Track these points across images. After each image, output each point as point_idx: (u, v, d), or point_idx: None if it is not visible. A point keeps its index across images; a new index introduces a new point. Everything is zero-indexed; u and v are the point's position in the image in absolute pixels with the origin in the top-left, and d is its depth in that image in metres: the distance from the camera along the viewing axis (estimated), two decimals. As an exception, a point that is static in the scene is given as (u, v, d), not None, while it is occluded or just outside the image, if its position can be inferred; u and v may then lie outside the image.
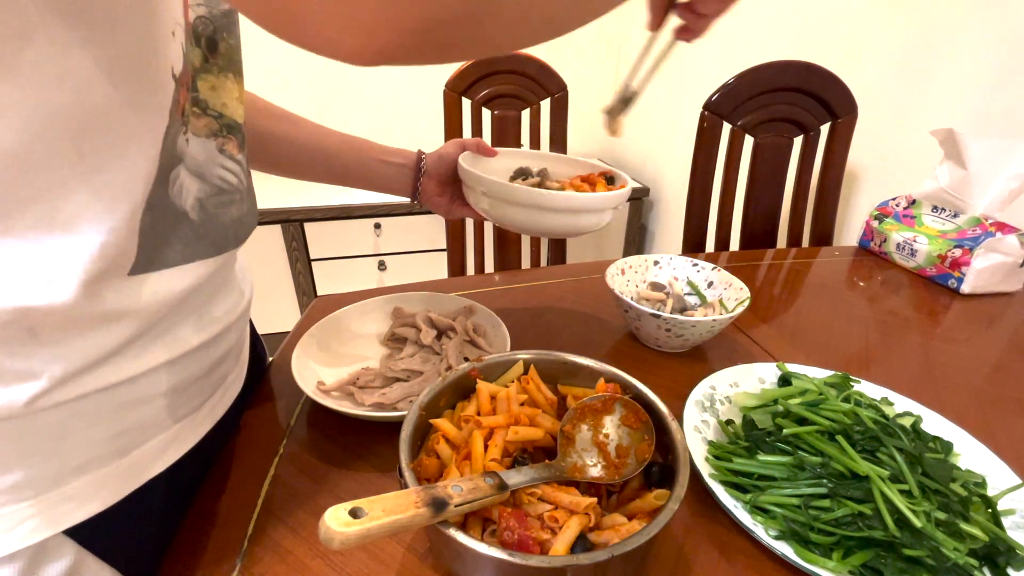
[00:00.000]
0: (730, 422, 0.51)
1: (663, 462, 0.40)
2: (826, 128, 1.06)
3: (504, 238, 1.21)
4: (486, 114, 1.15)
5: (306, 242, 1.78)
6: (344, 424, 0.51)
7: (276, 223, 1.71)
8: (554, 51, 1.28)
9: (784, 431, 0.46)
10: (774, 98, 1.03)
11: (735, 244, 1.15)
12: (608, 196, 0.58)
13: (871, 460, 0.42)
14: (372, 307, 0.64)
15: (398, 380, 0.55)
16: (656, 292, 0.70)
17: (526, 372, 0.47)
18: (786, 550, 0.38)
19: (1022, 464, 0.46)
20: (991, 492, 0.43)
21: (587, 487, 0.38)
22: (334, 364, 0.56)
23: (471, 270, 1.28)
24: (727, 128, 1.04)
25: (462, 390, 0.45)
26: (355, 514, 0.27)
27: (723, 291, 0.68)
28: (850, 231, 1.22)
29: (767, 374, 0.57)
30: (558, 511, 0.35)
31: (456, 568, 0.35)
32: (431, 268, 1.95)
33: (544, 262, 1.34)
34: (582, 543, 0.33)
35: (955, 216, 0.87)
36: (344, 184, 0.64)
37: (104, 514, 0.34)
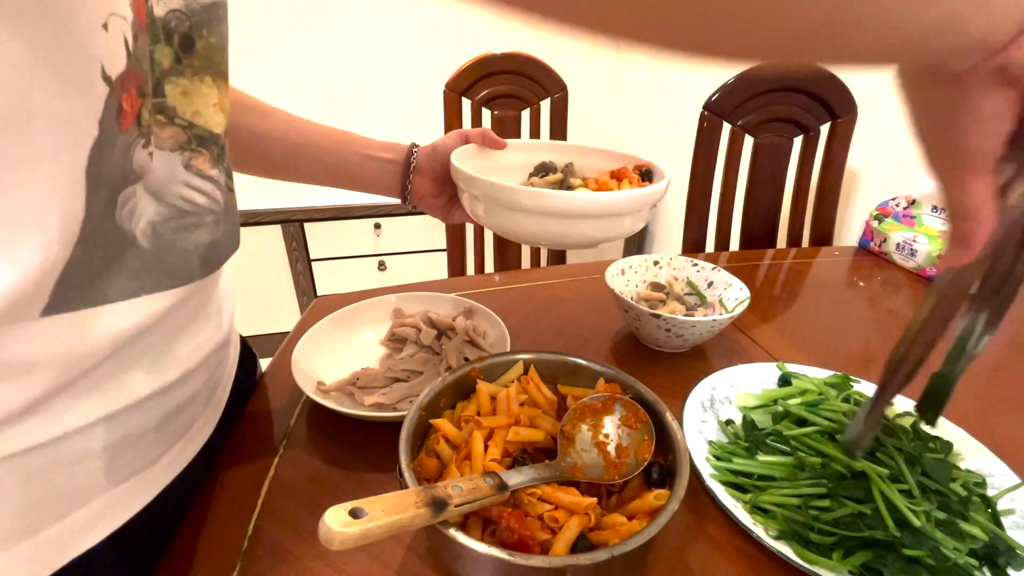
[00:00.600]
0: (730, 422, 0.51)
1: (663, 462, 0.40)
2: (826, 128, 1.06)
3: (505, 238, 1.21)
4: (486, 114, 1.15)
5: (306, 242, 1.78)
6: (344, 424, 0.51)
7: (276, 223, 1.71)
8: (554, 51, 1.28)
9: (784, 431, 0.46)
10: (774, 98, 1.03)
11: (735, 244, 1.15)
12: (635, 196, 0.47)
13: (871, 460, 0.42)
14: (372, 307, 0.64)
15: (398, 380, 0.55)
16: (656, 292, 0.70)
17: (526, 372, 0.47)
18: (786, 550, 0.38)
19: (1022, 464, 0.46)
20: (991, 492, 0.43)
21: (587, 487, 0.38)
22: (334, 364, 0.56)
23: (471, 270, 1.28)
24: (727, 128, 1.04)
25: (462, 390, 0.45)
26: (355, 514, 0.27)
27: (723, 291, 0.68)
28: (850, 231, 1.22)
29: (767, 374, 0.57)
30: (558, 511, 0.35)
31: (456, 568, 0.35)
32: (431, 268, 1.95)
33: (544, 262, 1.34)
34: (582, 543, 0.34)
35: (955, 216, 0.87)
36: (324, 184, 0.56)
37: None
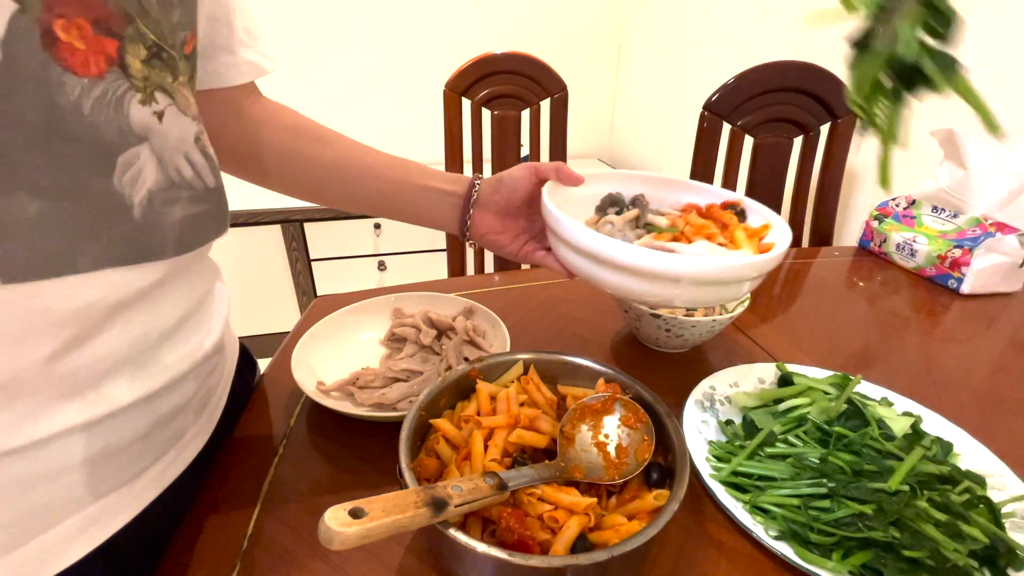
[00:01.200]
0: (730, 422, 0.51)
1: (663, 462, 0.40)
2: (826, 128, 1.06)
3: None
4: (486, 114, 1.15)
5: (306, 242, 1.78)
6: (344, 424, 0.51)
7: (276, 223, 1.71)
8: (554, 51, 1.28)
9: (784, 432, 0.46)
10: (774, 98, 1.03)
11: (735, 244, 1.15)
12: (761, 261, 0.41)
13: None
14: (372, 307, 0.64)
15: (398, 380, 0.55)
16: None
17: (526, 372, 0.47)
18: (786, 550, 0.38)
19: (1022, 464, 0.46)
20: (991, 492, 0.43)
21: (587, 487, 0.38)
22: (334, 364, 0.56)
23: (471, 270, 1.28)
24: (727, 128, 1.04)
25: (462, 390, 0.45)
26: (355, 514, 0.27)
27: (723, 291, 0.67)
28: (850, 231, 1.22)
29: (767, 374, 0.57)
30: (558, 511, 0.35)
31: (456, 568, 0.35)
32: (431, 268, 1.95)
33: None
34: (582, 543, 0.34)
35: (955, 216, 0.87)
36: (378, 215, 0.53)
37: None
